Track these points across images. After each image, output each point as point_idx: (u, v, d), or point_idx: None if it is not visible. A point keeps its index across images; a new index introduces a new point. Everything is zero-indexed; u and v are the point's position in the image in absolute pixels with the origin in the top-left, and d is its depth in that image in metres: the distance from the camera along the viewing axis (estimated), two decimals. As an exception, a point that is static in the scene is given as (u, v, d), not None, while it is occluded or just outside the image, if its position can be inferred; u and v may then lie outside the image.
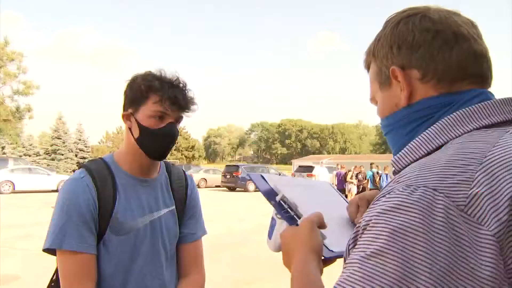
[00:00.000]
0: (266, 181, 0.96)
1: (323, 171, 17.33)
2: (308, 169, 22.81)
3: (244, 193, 22.13)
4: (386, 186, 0.62)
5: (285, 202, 0.89)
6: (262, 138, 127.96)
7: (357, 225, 0.60)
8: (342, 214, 0.98)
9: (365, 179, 16.91)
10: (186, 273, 1.46)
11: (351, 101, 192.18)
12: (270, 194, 0.91)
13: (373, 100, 0.82)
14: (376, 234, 0.53)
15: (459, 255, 0.48)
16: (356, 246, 0.56)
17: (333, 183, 17.68)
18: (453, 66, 0.68)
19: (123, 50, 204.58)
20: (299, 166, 26.81)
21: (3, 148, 37.27)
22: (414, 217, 0.51)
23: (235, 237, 8.60)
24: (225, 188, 24.64)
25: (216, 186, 26.25)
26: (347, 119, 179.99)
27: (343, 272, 0.56)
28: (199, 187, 25.15)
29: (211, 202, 15.69)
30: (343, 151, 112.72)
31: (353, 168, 17.65)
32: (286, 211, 0.88)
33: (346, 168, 18.08)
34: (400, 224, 0.51)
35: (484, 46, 0.72)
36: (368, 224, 0.56)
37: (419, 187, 0.54)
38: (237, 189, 23.47)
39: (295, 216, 0.87)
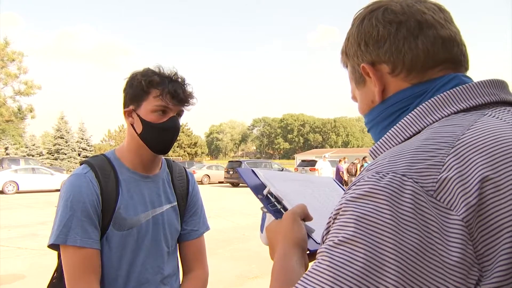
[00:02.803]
0: (257, 176, 0.95)
1: (326, 165, 17.29)
2: (311, 163, 22.83)
3: (247, 188, 21.93)
4: (358, 175, 0.60)
5: (272, 196, 0.88)
6: (264, 134, 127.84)
7: (330, 216, 0.59)
8: None
9: None
10: (190, 269, 1.48)
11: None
12: (258, 189, 0.91)
13: (354, 98, 0.82)
14: (344, 222, 0.52)
15: (427, 242, 0.47)
16: (327, 236, 0.56)
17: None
18: (421, 55, 0.67)
19: (122, 48, 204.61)
20: (302, 161, 26.82)
21: (6, 148, 37.43)
22: (382, 203, 0.50)
23: (239, 232, 8.62)
24: (228, 184, 24.66)
25: (219, 182, 26.32)
26: (349, 113, 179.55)
27: (313, 262, 0.55)
28: (202, 183, 25.23)
29: (215, 198, 15.74)
30: (345, 144, 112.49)
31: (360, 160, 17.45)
32: (273, 205, 0.87)
33: (347, 160, 17.91)
34: (367, 211, 0.50)
35: (453, 29, 0.70)
36: (338, 213, 0.55)
37: (388, 173, 0.53)
38: (240, 184, 23.49)
39: (281, 209, 0.86)
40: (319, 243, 0.80)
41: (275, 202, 0.87)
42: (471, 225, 0.48)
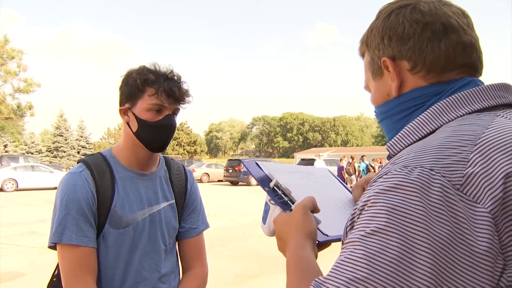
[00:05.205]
0: (261, 169, 0.97)
1: (321, 164, 17.43)
2: (310, 162, 22.86)
3: (247, 187, 22.17)
4: (382, 168, 0.62)
5: (278, 188, 0.90)
6: (263, 132, 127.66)
7: (355, 207, 0.61)
8: (340, 199, 0.99)
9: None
10: (189, 267, 1.48)
11: (352, 93, 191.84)
12: (264, 181, 0.93)
13: (367, 88, 0.85)
14: (375, 213, 0.54)
15: (456, 232, 0.50)
16: (355, 226, 0.57)
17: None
18: (442, 57, 0.70)
19: (123, 46, 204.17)
20: (301, 159, 26.88)
21: (5, 146, 37.38)
22: (412, 195, 0.53)
23: (238, 231, 8.62)
24: (227, 183, 24.67)
25: (219, 181, 26.32)
26: (348, 112, 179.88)
27: (342, 251, 0.57)
28: (201, 182, 25.23)
29: (214, 196, 15.74)
30: (345, 143, 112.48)
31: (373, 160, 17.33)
32: (280, 197, 0.89)
33: (346, 159, 17.88)
34: (399, 202, 0.53)
35: (473, 36, 0.73)
36: (366, 205, 0.57)
37: (416, 167, 0.55)
38: (240, 183, 23.51)
39: (288, 201, 0.88)
40: (326, 234, 0.84)
41: (282, 195, 0.89)
42: (497, 217, 0.51)
